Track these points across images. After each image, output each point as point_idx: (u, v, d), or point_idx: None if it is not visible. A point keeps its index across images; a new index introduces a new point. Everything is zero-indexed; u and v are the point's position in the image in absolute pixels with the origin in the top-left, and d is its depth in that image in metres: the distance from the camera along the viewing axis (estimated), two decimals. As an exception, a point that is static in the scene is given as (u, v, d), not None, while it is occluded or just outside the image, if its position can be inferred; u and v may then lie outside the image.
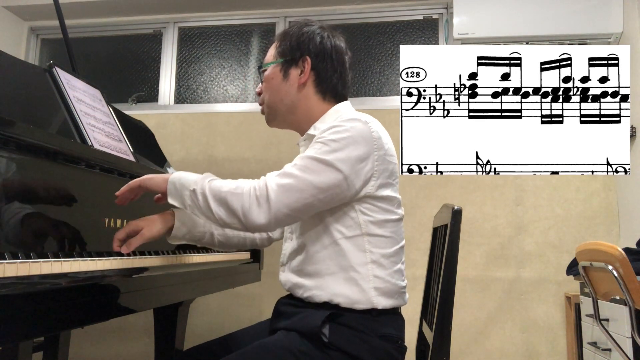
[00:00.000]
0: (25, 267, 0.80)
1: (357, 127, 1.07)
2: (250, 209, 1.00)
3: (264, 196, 1.01)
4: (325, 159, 1.03)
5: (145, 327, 2.65)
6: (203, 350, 1.23)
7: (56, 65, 1.43)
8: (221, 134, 2.85)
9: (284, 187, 1.01)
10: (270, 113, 1.25)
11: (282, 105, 1.22)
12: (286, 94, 1.21)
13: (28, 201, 0.98)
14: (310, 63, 1.20)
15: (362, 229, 1.09)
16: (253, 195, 1.01)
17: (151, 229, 1.11)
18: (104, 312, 0.97)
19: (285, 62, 1.21)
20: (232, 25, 3.11)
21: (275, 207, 1.00)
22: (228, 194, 1.02)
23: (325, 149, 1.04)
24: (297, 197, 1.01)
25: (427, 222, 2.51)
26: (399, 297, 1.14)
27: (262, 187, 1.01)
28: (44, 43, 3.29)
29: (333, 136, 1.06)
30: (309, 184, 1.02)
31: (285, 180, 1.02)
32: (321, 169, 1.03)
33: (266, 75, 1.23)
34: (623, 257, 1.32)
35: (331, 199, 1.05)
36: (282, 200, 1.00)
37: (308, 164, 1.04)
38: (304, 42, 1.21)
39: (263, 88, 1.25)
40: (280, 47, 1.23)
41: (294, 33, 1.22)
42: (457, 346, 2.44)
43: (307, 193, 1.02)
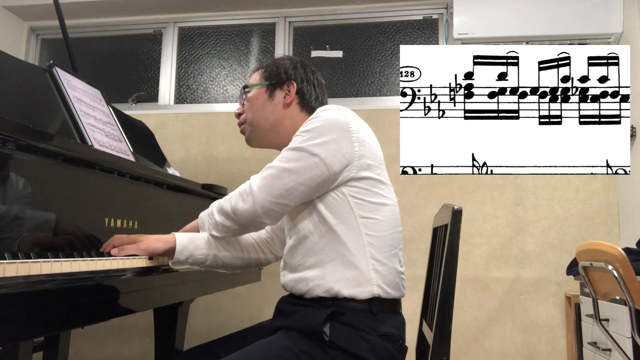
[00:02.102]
0: (25, 267, 0.80)
1: (328, 114, 1.15)
2: (237, 205, 1.12)
3: (246, 192, 1.12)
4: (300, 146, 1.11)
5: (145, 327, 2.65)
6: (204, 350, 1.24)
7: (56, 65, 1.43)
8: (221, 134, 2.85)
9: (264, 179, 1.11)
10: (253, 131, 1.31)
11: (266, 123, 1.29)
12: (271, 112, 1.29)
13: (28, 201, 0.98)
14: (295, 87, 1.29)
15: (354, 212, 1.12)
16: (238, 194, 1.13)
17: (150, 243, 1.16)
18: (104, 312, 0.97)
19: (270, 85, 1.30)
20: (232, 25, 3.11)
21: (258, 197, 1.10)
22: (222, 202, 1.17)
23: (300, 139, 1.13)
24: (276, 184, 1.10)
25: (427, 222, 2.51)
26: (397, 284, 1.14)
27: (246, 185, 1.13)
28: (44, 43, 3.29)
29: (306, 127, 1.14)
30: (286, 171, 1.10)
31: (264, 173, 1.13)
32: (297, 156, 1.11)
33: (250, 96, 1.31)
34: (623, 257, 1.31)
35: (313, 181, 1.11)
36: (264, 190, 1.10)
37: (285, 155, 1.13)
38: (289, 69, 1.31)
39: (246, 108, 1.32)
40: (266, 72, 1.32)
41: (280, 62, 1.32)
42: (457, 346, 2.44)
43: (287, 179, 1.10)
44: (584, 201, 2.50)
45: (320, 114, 1.15)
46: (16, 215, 0.94)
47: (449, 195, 2.56)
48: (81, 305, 0.88)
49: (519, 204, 2.54)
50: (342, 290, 1.09)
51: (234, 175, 2.78)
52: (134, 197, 1.39)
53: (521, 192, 2.55)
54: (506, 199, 2.55)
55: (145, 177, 1.44)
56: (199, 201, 1.81)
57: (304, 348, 1.05)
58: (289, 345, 1.05)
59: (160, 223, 1.47)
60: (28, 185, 0.98)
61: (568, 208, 2.51)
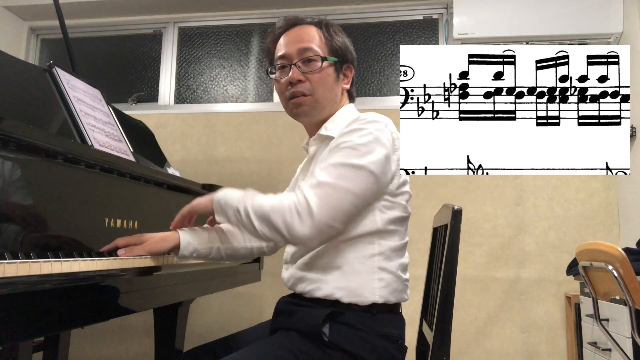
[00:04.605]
0: (25, 267, 0.80)
1: (379, 129, 1.09)
2: (293, 223, 1.01)
3: (305, 210, 1.01)
4: (358, 163, 1.04)
5: (145, 327, 2.65)
6: (204, 351, 1.23)
7: (56, 65, 1.43)
8: (221, 134, 2.85)
9: (323, 197, 1.01)
10: (315, 108, 1.21)
11: (329, 103, 1.22)
12: (335, 93, 1.24)
13: (28, 201, 0.98)
14: (352, 73, 1.26)
15: (376, 222, 1.10)
16: (294, 210, 1.01)
17: (156, 244, 1.12)
18: (104, 312, 0.97)
19: (337, 63, 1.23)
20: (232, 25, 3.11)
21: (317, 218, 1.00)
22: (270, 211, 1.02)
23: (356, 154, 1.05)
24: (337, 205, 1.02)
25: (427, 222, 2.51)
26: (401, 291, 1.15)
27: (303, 201, 1.01)
28: (44, 43, 3.29)
29: (360, 140, 1.07)
30: (346, 191, 1.02)
31: (323, 190, 1.02)
32: (355, 174, 1.04)
33: (324, 70, 1.20)
34: (623, 257, 1.32)
35: (365, 201, 1.07)
36: (323, 211, 1.01)
37: (342, 172, 1.04)
38: (350, 51, 1.26)
39: (314, 80, 1.20)
40: (331, 44, 1.23)
41: (341, 38, 1.25)
42: (457, 346, 2.44)
43: (346, 201, 1.03)
44: (584, 201, 2.50)
45: (372, 127, 1.09)
46: (16, 215, 0.94)
47: (448, 195, 2.56)
48: (81, 305, 0.88)
49: (519, 204, 2.54)
50: (343, 299, 1.09)
51: (234, 175, 2.78)
52: (134, 197, 1.39)
53: (521, 192, 2.55)
54: (506, 199, 2.55)
55: (145, 177, 1.44)
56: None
57: (303, 348, 1.05)
58: (288, 345, 1.05)
59: (160, 223, 1.47)
60: (28, 185, 0.98)
61: (568, 208, 2.51)
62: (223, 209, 1.09)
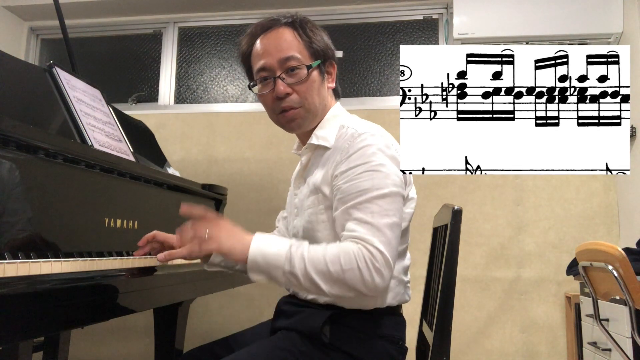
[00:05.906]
0: (25, 267, 0.80)
1: (380, 143, 1.07)
2: (374, 281, 0.95)
3: (383, 264, 0.96)
4: (389, 192, 1.03)
5: (145, 327, 2.65)
6: (204, 351, 1.23)
7: (56, 65, 1.43)
8: (221, 134, 2.85)
9: (388, 243, 0.99)
10: (307, 118, 1.16)
11: (318, 108, 1.17)
12: (323, 96, 1.18)
13: (28, 201, 0.98)
14: (335, 68, 1.21)
15: None
16: (371, 267, 0.95)
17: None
18: (104, 312, 0.97)
19: (321, 64, 1.16)
20: (232, 25, 3.11)
21: (392, 263, 0.98)
22: (341, 273, 0.95)
23: (378, 180, 1.03)
24: (396, 242, 1.02)
25: (427, 222, 2.51)
26: (403, 293, 1.15)
27: (378, 256, 0.96)
28: (44, 43, 3.29)
29: (375, 162, 1.04)
30: (392, 224, 1.01)
31: (382, 236, 0.99)
32: (390, 202, 1.02)
33: (310, 77, 1.13)
34: (623, 257, 1.31)
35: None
36: (392, 256, 0.99)
37: (382, 205, 1.01)
38: (330, 47, 1.19)
39: (303, 90, 1.13)
40: (311, 46, 1.15)
41: (319, 36, 1.18)
42: (457, 346, 2.44)
43: (397, 231, 1.03)
44: (584, 201, 2.50)
45: (371, 142, 1.06)
46: (16, 215, 0.94)
47: (448, 195, 2.56)
48: (81, 305, 0.88)
49: (519, 203, 2.54)
50: (344, 306, 1.09)
51: (234, 175, 2.78)
52: (134, 197, 1.39)
53: (521, 192, 2.55)
54: (506, 199, 2.55)
55: (145, 177, 1.44)
56: (199, 201, 1.82)
57: (303, 349, 1.05)
58: (288, 346, 1.05)
59: (160, 223, 1.47)
60: (28, 185, 0.98)
61: (568, 208, 2.51)
62: (263, 269, 0.99)
